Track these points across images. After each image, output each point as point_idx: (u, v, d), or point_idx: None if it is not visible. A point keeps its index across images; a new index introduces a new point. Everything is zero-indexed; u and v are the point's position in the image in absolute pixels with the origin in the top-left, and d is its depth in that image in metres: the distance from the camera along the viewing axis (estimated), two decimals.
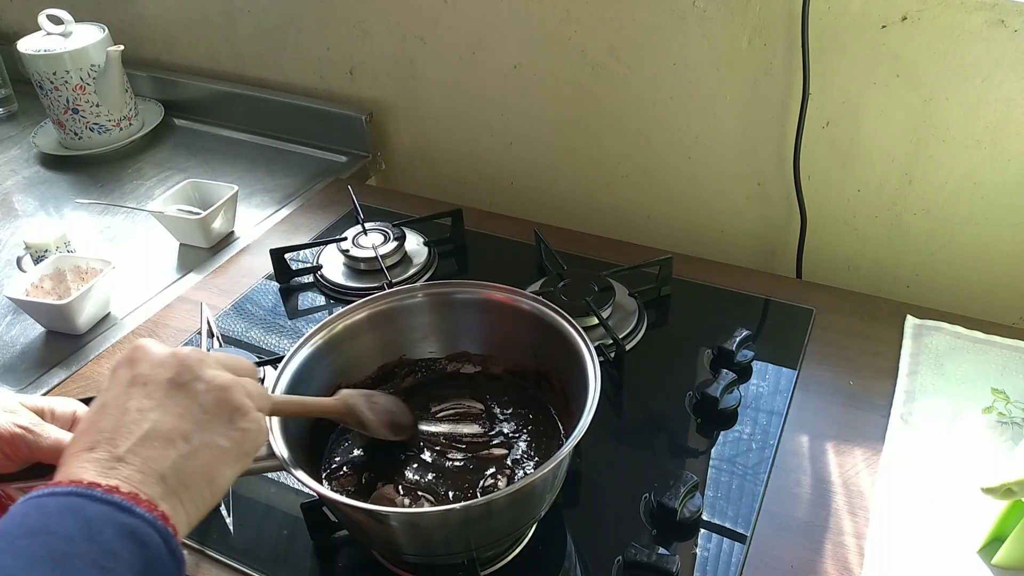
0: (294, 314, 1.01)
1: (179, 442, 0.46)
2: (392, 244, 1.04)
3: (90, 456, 0.44)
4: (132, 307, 1.03)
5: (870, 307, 0.94)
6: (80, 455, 0.44)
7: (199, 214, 1.10)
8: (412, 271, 1.04)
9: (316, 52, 1.34)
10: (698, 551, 0.69)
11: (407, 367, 0.80)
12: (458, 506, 0.58)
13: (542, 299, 0.74)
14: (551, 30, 1.12)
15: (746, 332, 0.88)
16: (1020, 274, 1.00)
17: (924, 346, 0.87)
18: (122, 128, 1.39)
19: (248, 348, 0.95)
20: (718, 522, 0.71)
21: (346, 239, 1.06)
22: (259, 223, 1.18)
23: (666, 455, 0.80)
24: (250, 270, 1.08)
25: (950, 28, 0.89)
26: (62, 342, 0.97)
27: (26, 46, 1.31)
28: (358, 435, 0.74)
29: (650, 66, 1.08)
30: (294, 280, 1.05)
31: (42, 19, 1.31)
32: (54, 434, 0.54)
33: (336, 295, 1.02)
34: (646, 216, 1.22)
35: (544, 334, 0.73)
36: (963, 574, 0.66)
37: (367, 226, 1.07)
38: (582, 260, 1.03)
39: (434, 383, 0.80)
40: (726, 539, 0.70)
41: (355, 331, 0.75)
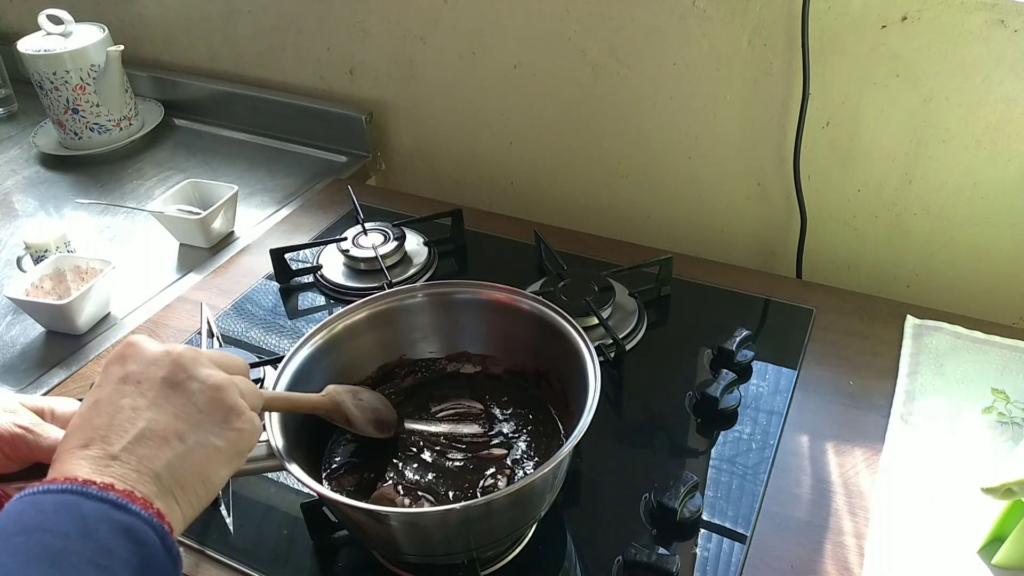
0: (294, 314, 1.01)
1: (174, 441, 0.46)
2: (392, 244, 1.04)
3: (85, 453, 0.44)
4: (132, 307, 1.03)
5: (870, 307, 0.94)
6: (74, 452, 0.44)
7: (199, 214, 1.10)
8: (412, 271, 1.04)
9: (316, 52, 1.34)
10: (698, 551, 0.69)
11: (407, 367, 0.80)
12: (458, 506, 0.58)
13: (542, 299, 0.74)
14: (551, 30, 1.12)
15: (746, 332, 0.88)
16: (1020, 274, 1.00)
17: (924, 346, 0.87)
18: (122, 128, 1.39)
19: (248, 348, 0.95)
20: (718, 522, 0.71)
21: (346, 239, 1.06)
22: (259, 223, 1.18)
23: (666, 455, 0.80)
24: (250, 270, 1.08)
25: (950, 28, 0.89)
26: (62, 342, 0.97)
27: (26, 46, 1.31)
28: (357, 436, 0.75)
29: (650, 66, 1.08)
30: (294, 280, 1.05)
31: (42, 19, 1.31)
32: (54, 434, 0.54)
33: (336, 295, 1.02)
34: (646, 216, 1.22)
35: (544, 334, 0.73)
36: (963, 574, 0.66)
37: (367, 226, 1.07)
38: (582, 260, 1.03)
39: (434, 383, 0.80)
40: (726, 539, 0.70)
41: (355, 331, 0.75)
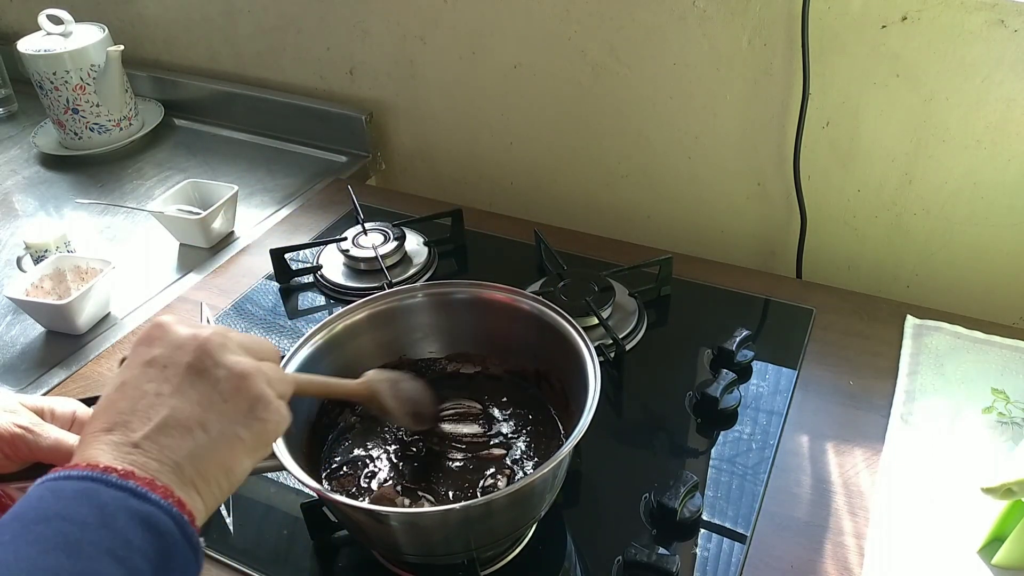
0: (294, 314, 1.01)
1: (197, 431, 0.45)
2: (392, 244, 1.04)
3: (107, 438, 0.44)
4: (132, 307, 1.03)
5: (870, 307, 0.94)
6: (98, 436, 0.44)
7: (199, 214, 1.10)
8: (412, 271, 1.04)
9: (316, 52, 1.34)
10: (698, 551, 0.69)
11: (407, 367, 0.79)
12: (458, 506, 0.58)
13: (542, 299, 0.74)
14: (551, 30, 1.12)
15: (746, 332, 0.88)
16: (1020, 274, 1.00)
17: (924, 346, 0.87)
18: (122, 128, 1.39)
19: None
20: (718, 522, 0.71)
21: (346, 239, 1.06)
22: (259, 223, 1.18)
23: (666, 455, 0.80)
24: (250, 270, 1.08)
25: (950, 28, 0.89)
26: (62, 342, 0.97)
27: (26, 46, 1.31)
28: (358, 435, 0.75)
29: (650, 66, 1.08)
30: (294, 280, 1.05)
31: (42, 19, 1.31)
32: (54, 434, 0.54)
33: (336, 295, 1.02)
34: (646, 216, 1.22)
35: (544, 334, 0.73)
36: (963, 574, 0.66)
37: (367, 226, 1.07)
38: (582, 260, 1.03)
39: (434, 383, 0.80)
40: (726, 539, 0.70)
41: (355, 331, 0.75)
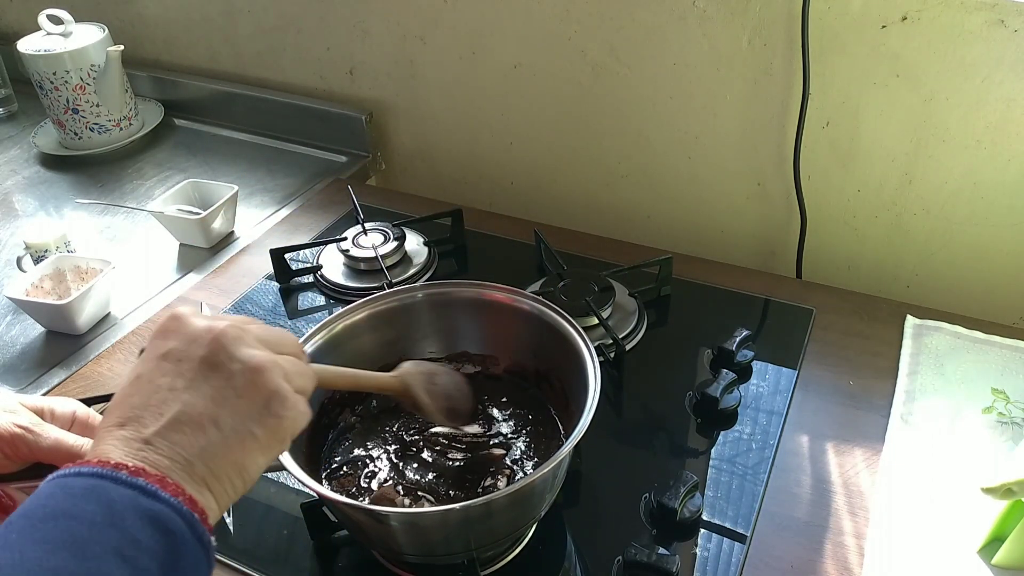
0: (294, 314, 1.01)
1: (209, 428, 0.44)
2: (392, 244, 1.04)
3: (120, 434, 0.43)
4: (132, 307, 1.03)
5: (870, 307, 0.94)
6: (111, 431, 0.43)
7: (199, 214, 1.10)
8: (412, 271, 1.04)
9: (316, 52, 1.34)
10: (698, 551, 0.69)
11: None
12: (458, 506, 0.58)
13: (542, 299, 0.74)
14: (551, 30, 1.12)
15: (746, 332, 0.88)
16: (1020, 274, 1.00)
17: (924, 346, 0.87)
18: (122, 128, 1.39)
19: None
20: (718, 522, 0.71)
21: (346, 239, 1.06)
22: (259, 223, 1.18)
23: (666, 455, 0.80)
24: (250, 270, 1.08)
25: (950, 28, 0.89)
26: (62, 342, 0.97)
27: (26, 46, 1.31)
28: (358, 435, 0.75)
29: (650, 66, 1.08)
30: (294, 280, 1.05)
31: (42, 19, 1.31)
32: (54, 434, 0.54)
33: (336, 295, 1.02)
34: (646, 216, 1.22)
35: (544, 334, 0.73)
36: (963, 574, 0.66)
37: (367, 226, 1.07)
38: (582, 260, 1.03)
39: None
40: (726, 539, 0.70)
41: (355, 331, 0.75)
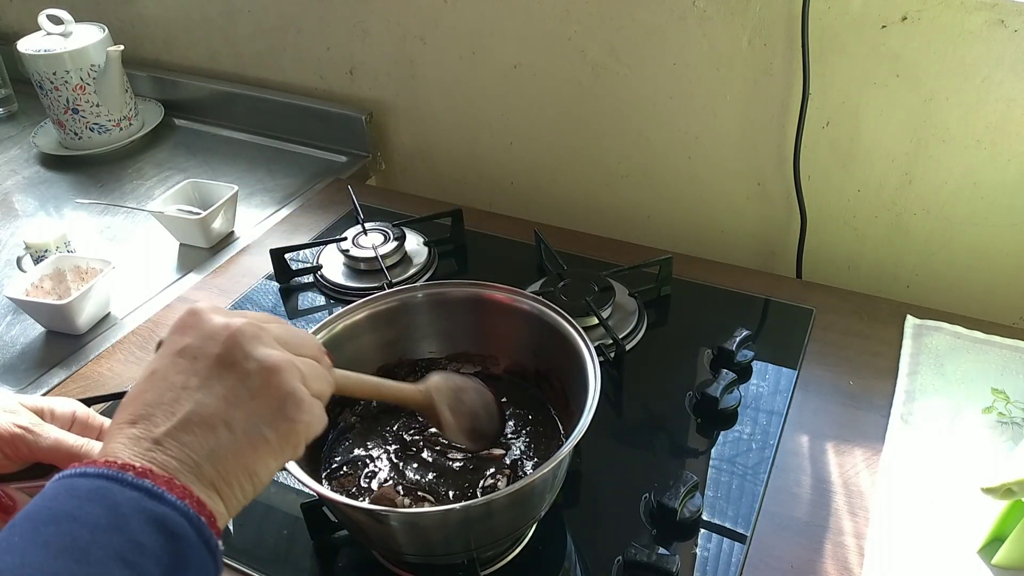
0: (294, 314, 1.00)
1: (220, 429, 0.43)
2: (392, 244, 1.04)
3: (130, 432, 0.42)
4: (132, 307, 1.03)
5: (870, 307, 0.94)
6: (122, 428, 0.43)
7: (199, 214, 1.10)
8: (412, 271, 1.04)
9: (316, 52, 1.34)
10: (698, 551, 0.69)
11: (407, 367, 0.80)
12: (458, 506, 0.58)
13: (542, 299, 0.74)
14: (551, 30, 1.12)
15: (746, 332, 0.88)
16: (1020, 274, 1.00)
17: (924, 346, 0.87)
18: (122, 128, 1.39)
19: None
20: (718, 522, 0.71)
21: (346, 239, 1.06)
22: (259, 223, 1.18)
23: (666, 455, 0.80)
24: (250, 270, 1.08)
25: (950, 28, 0.89)
26: (62, 342, 0.97)
27: (26, 46, 1.31)
28: (358, 435, 0.75)
29: (650, 66, 1.08)
30: (294, 280, 1.05)
31: (42, 19, 1.31)
32: (54, 434, 0.54)
33: (336, 295, 1.02)
34: (646, 216, 1.22)
35: (544, 334, 0.73)
36: (963, 574, 0.66)
37: (367, 226, 1.07)
38: (582, 260, 1.03)
39: None
40: (726, 539, 0.70)
41: (355, 331, 0.75)
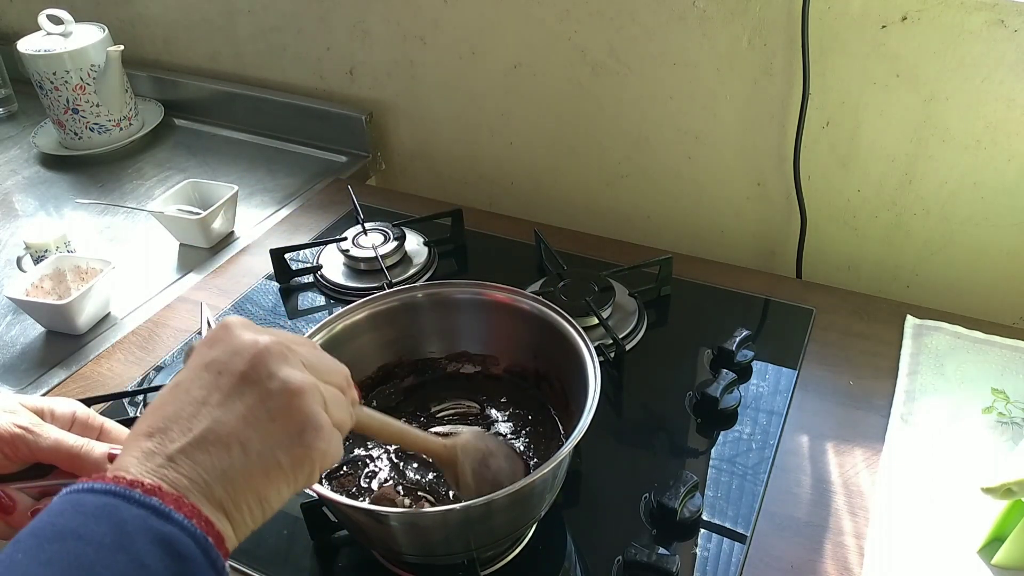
0: (294, 314, 1.00)
1: (235, 449, 0.42)
2: (392, 244, 1.04)
3: (145, 445, 0.42)
4: (132, 307, 1.03)
5: (870, 307, 0.94)
6: (139, 440, 0.42)
7: (199, 214, 1.10)
8: (412, 271, 1.04)
9: (316, 52, 1.34)
10: (698, 551, 0.69)
11: (407, 367, 0.80)
12: (458, 506, 0.58)
13: (542, 299, 0.74)
14: (551, 30, 1.12)
15: (746, 332, 0.88)
16: (1020, 274, 1.00)
17: (924, 346, 0.87)
18: (122, 128, 1.39)
19: None
20: (718, 522, 0.71)
21: (346, 239, 1.06)
22: (259, 223, 1.18)
23: (666, 455, 0.80)
24: (250, 270, 1.08)
25: (950, 28, 0.89)
26: (62, 342, 0.97)
27: (26, 46, 1.31)
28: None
29: (650, 66, 1.08)
30: (294, 280, 1.05)
31: (42, 19, 1.31)
32: (54, 434, 0.54)
33: (336, 295, 1.02)
34: (646, 216, 1.22)
35: (544, 334, 0.73)
36: (963, 574, 0.66)
37: (367, 226, 1.07)
38: (582, 260, 1.03)
39: (434, 383, 0.80)
40: (726, 539, 0.70)
41: (355, 331, 0.75)
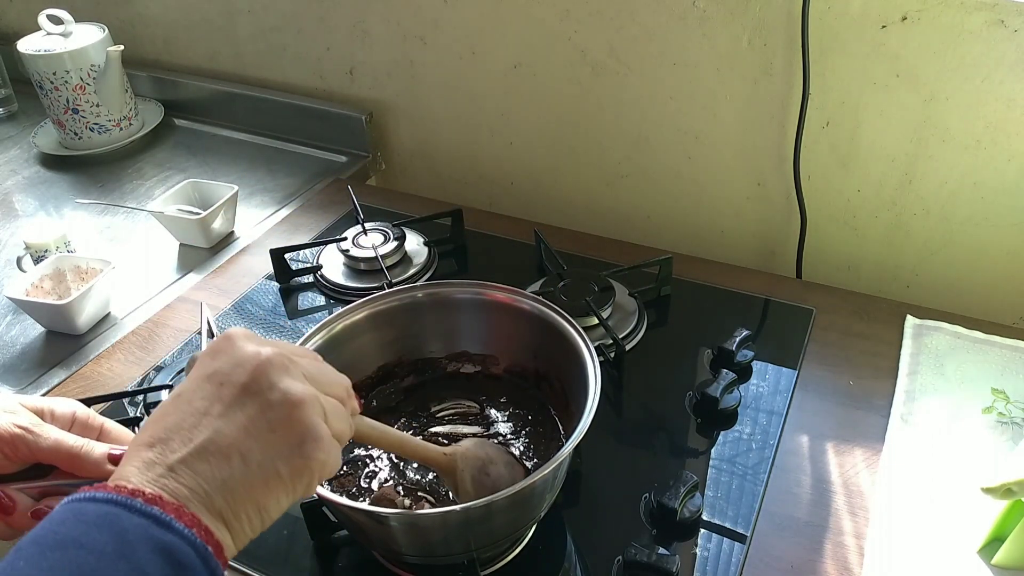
0: (294, 314, 1.01)
1: (235, 460, 0.43)
2: (392, 244, 1.04)
3: (146, 455, 0.42)
4: (132, 307, 1.03)
5: (870, 307, 0.94)
6: (140, 450, 0.43)
7: (199, 214, 1.10)
8: (412, 271, 1.04)
9: (316, 52, 1.34)
10: (698, 551, 0.69)
11: (407, 367, 0.80)
12: (458, 507, 0.58)
13: (542, 299, 0.74)
14: (551, 30, 1.12)
15: (746, 332, 0.88)
16: (1020, 274, 1.00)
17: (924, 346, 0.87)
18: (122, 128, 1.39)
19: None
20: (718, 522, 0.71)
21: (346, 239, 1.06)
22: (259, 223, 1.18)
23: (666, 455, 0.80)
24: (250, 270, 1.08)
25: (950, 28, 0.89)
26: (62, 342, 0.97)
27: (26, 46, 1.31)
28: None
29: (650, 66, 1.08)
30: (294, 280, 1.05)
31: (42, 19, 1.31)
32: (54, 434, 0.54)
33: (336, 295, 1.02)
34: (646, 216, 1.22)
35: (544, 334, 0.73)
36: (963, 574, 0.66)
37: (367, 226, 1.07)
38: (582, 260, 1.03)
39: (434, 383, 0.80)
40: (726, 539, 0.70)
41: (355, 331, 0.75)
